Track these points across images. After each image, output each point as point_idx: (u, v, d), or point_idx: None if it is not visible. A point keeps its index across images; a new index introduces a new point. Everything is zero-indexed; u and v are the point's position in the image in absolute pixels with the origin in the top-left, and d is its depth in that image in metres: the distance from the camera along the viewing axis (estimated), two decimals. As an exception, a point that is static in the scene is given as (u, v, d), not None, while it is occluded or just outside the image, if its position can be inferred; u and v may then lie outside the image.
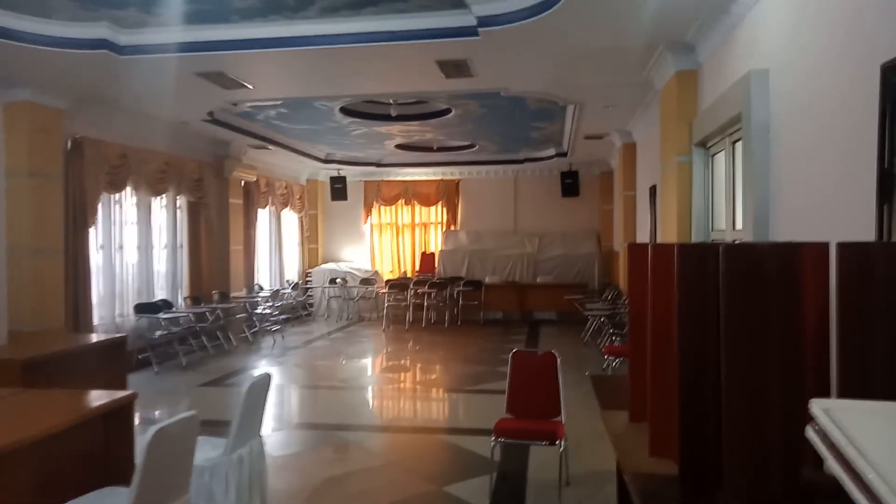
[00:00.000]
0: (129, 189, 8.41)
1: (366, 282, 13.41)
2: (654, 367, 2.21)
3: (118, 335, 6.12)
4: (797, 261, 1.66)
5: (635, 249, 2.47)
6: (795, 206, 3.25)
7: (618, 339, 7.39)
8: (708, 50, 4.82)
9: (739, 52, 4.16)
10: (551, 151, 12.34)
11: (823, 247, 1.91)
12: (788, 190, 3.33)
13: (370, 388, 7.78)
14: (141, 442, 2.38)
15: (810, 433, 1.11)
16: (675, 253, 1.78)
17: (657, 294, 2.18)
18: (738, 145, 4.20)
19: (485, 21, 4.90)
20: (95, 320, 7.73)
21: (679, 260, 1.78)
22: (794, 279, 1.64)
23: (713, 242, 2.13)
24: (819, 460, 1.70)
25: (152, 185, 8.70)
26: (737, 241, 4.06)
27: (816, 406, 1.09)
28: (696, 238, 4.95)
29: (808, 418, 1.22)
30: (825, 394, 1.85)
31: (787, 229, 3.33)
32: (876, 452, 0.90)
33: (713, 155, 4.90)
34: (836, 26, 2.79)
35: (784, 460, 1.59)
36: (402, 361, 9.42)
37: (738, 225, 4.22)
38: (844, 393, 1.61)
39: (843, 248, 1.70)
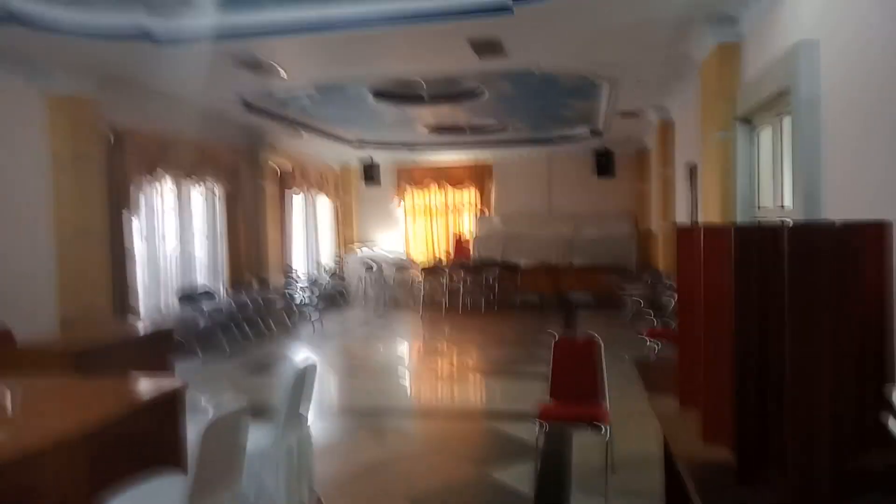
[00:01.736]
0: (168, 178, 8.55)
1: (401, 268, 13.47)
2: (707, 352, 2.16)
3: (165, 326, 6.25)
4: (861, 241, 1.59)
5: (684, 231, 2.40)
6: (847, 183, 3.13)
7: (658, 321, 7.28)
8: (752, 21, 4.65)
9: (786, 22, 4.00)
10: (585, 130, 12.14)
11: (884, 226, 1.83)
12: (840, 166, 3.21)
13: (409, 374, 7.83)
14: (195, 432, 2.42)
15: (891, 421, 1.06)
16: (733, 235, 1.72)
17: (709, 277, 2.11)
18: (786, 120, 4.05)
19: (519, -2, 4.81)
20: (140, 309, 7.92)
21: (737, 242, 1.72)
22: (859, 260, 1.58)
23: (773, 223, 2.05)
24: (876, 445, 1.64)
25: (189, 174, 8.84)
26: (786, 220, 3.94)
27: (897, 395, 1.05)
28: (740, 217, 4.82)
29: (883, 404, 1.17)
30: (888, 376, 1.78)
31: (838, 207, 3.21)
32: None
33: (758, 131, 4.75)
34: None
35: (847, 444, 1.54)
36: (440, 346, 9.45)
37: (786, 203, 4.09)
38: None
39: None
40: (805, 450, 1.54)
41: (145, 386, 3.52)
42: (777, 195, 4.31)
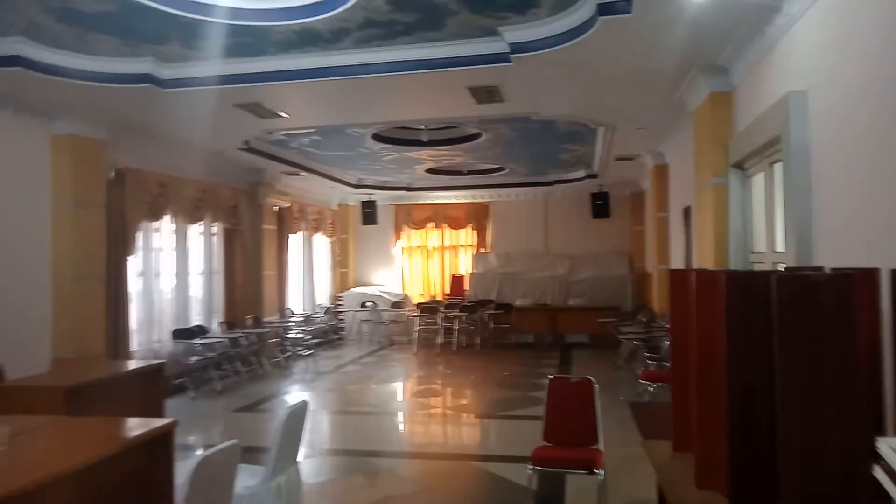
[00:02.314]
0: (167, 217, 8.59)
1: (396, 305, 13.45)
2: (700, 397, 2.17)
3: (156, 362, 6.20)
4: (850, 289, 1.61)
5: (677, 276, 2.43)
6: (838, 229, 3.18)
7: (654, 363, 7.25)
8: (743, 71, 4.77)
9: (776, 72, 4.11)
10: (581, 173, 12.30)
11: (873, 273, 1.86)
12: (831, 212, 3.26)
13: (402, 414, 7.74)
14: (184, 471, 2.39)
15: (878, 472, 1.07)
16: (724, 281, 1.75)
17: (702, 322, 2.13)
18: (777, 167, 4.13)
19: (517, 48, 4.94)
20: (134, 346, 7.86)
21: (728, 288, 1.75)
22: (848, 308, 1.60)
23: (762, 271, 2.08)
24: (869, 493, 1.64)
25: (189, 213, 8.88)
26: (779, 265, 3.98)
27: (886, 445, 1.06)
28: (734, 261, 4.86)
29: (873, 456, 1.17)
30: (879, 422, 1.78)
31: (830, 252, 3.25)
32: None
33: (750, 176, 4.83)
34: (876, 44, 2.74)
35: (844, 493, 1.53)
36: (434, 386, 9.37)
37: (779, 247, 4.13)
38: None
39: (898, 274, 1.65)
40: (798, 498, 1.54)
41: (135, 426, 3.48)
42: (770, 240, 4.36)
